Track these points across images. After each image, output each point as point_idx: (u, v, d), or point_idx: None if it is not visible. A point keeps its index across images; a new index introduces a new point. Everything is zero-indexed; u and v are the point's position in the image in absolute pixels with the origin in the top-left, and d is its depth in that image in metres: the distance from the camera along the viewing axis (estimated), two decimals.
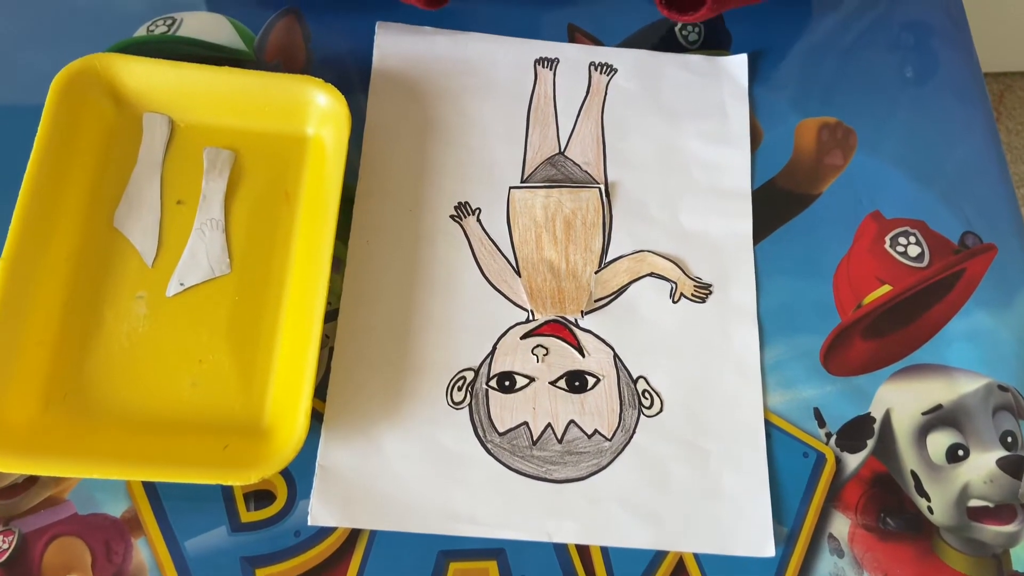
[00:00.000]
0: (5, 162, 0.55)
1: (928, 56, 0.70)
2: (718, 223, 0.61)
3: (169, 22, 0.63)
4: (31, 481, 0.51)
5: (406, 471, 0.53)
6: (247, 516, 0.51)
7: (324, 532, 0.51)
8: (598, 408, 0.56)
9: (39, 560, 0.49)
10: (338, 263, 0.57)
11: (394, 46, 0.64)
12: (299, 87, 0.58)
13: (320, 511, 0.51)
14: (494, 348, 0.57)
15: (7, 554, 0.49)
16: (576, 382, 0.56)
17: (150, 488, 0.51)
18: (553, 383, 0.56)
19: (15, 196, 0.52)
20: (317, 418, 0.53)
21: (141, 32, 0.63)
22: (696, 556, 0.53)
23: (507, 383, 0.56)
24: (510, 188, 0.61)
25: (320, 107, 0.58)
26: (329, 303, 0.54)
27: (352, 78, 0.63)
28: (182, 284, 0.55)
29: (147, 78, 0.57)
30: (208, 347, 0.54)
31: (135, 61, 0.57)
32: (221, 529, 0.51)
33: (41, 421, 0.50)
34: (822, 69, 0.68)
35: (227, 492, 0.52)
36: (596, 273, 0.59)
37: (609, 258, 0.60)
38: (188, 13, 0.64)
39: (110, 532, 0.50)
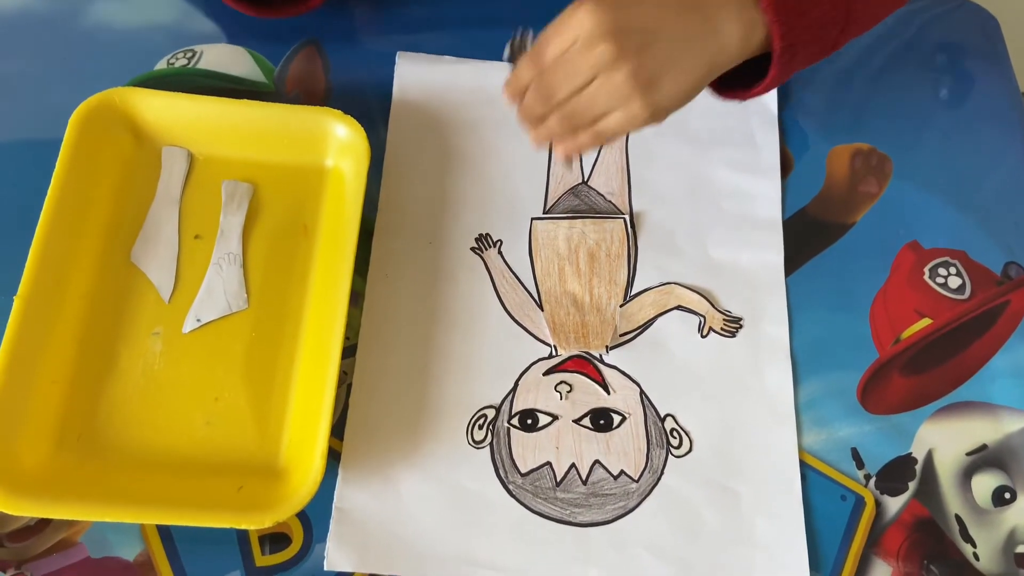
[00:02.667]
0: (24, 197, 0.54)
1: (963, 78, 0.68)
2: (748, 254, 0.59)
3: (189, 55, 0.63)
4: (43, 523, 0.50)
5: (425, 514, 0.51)
6: (262, 560, 0.50)
7: None
8: (624, 448, 0.54)
9: None
10: (356, 297, 0.56)
11: (415, 76, 0.63)
12: (318, 119, 0.57)
13: (337, 556, 0.50)
14: (516, 385, 0.55)
15: None
16: (601, 420, 0.54)
17: (164, 530, 0.50)
18: (577, 421, 0.54)
19: (33, 231, 0.51)
20: (334, 457, 0.52)
21: (161, 65, 0.62)
22: None
23: (529, 421, 0.54)
24: (532, 219, 0.60)
25: (339, 139, 0.57)
26: (347, 338, 0.53)
27: (372, 109, 0.62)
28: (199, 320, 0.54)
29: (166, 112, 0.57)
30: (224, 384, 0.53)
31: (154, 95, 0.57)
32: (235, 574, 0.49)
33: (54, 462, 0.49)
34: (853, 94, 0.67)
35: (242, 534, 0.50)
36: (621, 307, 0.57)
37: (635, 291, 0.58)
38: (208, 46, 0.64)
39: None
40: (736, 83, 0.51)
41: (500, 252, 0.59)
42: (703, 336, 0.57)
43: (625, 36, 0.42)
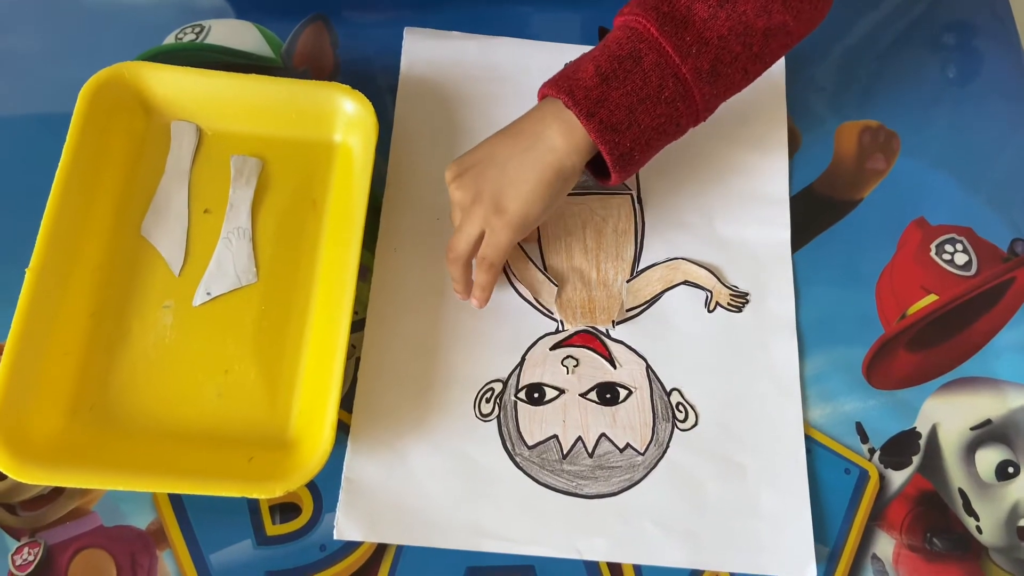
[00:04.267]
0: (34, 170, 0.54)
1: (972, 56, 0.68)
2: (755, 230, 0.59)
3: (197, 30, 0.63)
4: (57, 492, 0.50)
5: (433, 485, 0.52)
6: (272, 529, 0.50)
7: (350, 546, 0.50)
8: (630, 421, 0.54)
9: (64, 573, 0.48)
10: (365, 272, 0.56)
11: (422, 52, 0.63)
12: (326, 94, 0.57)
13: (346, 525, 0.50)
14: (523, 359, 0.55)
15: (32, 566, 0.49)
16: (607, 394, 0.55)
17: (176, 500, 0.51)
18: (584, 395, 0.55)
19: (43, 204, 0.52)
20: (343, 430, 0.52)
21: (170, 40, 0.63)
22: None
23: (536, 395, 0.54)
24: None
25: (347, 114, 0.58)
26: (356, 312, 0.53)
27: (380, 84, 0.62)
28: (209, 293, 0.54)
29: (175, 86, 0.57)
30: (234, 357, 0.53)
31: (163, 69, 0.57)
32: (246, 542, 0.50)
33: (67, 432, 0.50)
34: (862, 71, 0.66)
35: (253, 504, 0.51)
36: (628, 282, 0.58)
37: (641, 266, 0.58)
38: (216, 21, 0.64)
39: (135, 545, 0.49)
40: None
41: None
42: (710, 311, 0.57)
43: (464, 174, 0.51)
